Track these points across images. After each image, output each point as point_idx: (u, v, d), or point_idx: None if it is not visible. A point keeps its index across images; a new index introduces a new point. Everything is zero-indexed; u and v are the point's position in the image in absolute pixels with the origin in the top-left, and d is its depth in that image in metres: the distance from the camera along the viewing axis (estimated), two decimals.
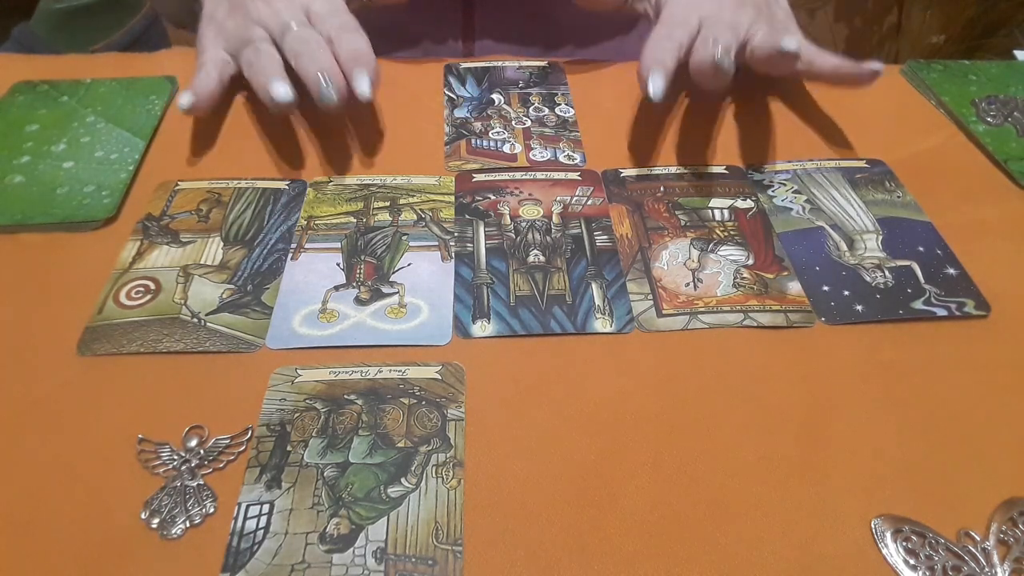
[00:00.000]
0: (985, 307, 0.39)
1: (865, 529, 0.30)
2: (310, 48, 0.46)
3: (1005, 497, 0.31)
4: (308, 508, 0.30)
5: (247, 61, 0.47)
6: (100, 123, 0.49)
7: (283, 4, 0.49)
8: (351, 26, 0.48)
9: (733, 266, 0.41)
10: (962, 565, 0.29)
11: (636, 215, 0.44)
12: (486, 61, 0.57)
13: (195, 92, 0.46)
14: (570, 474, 0.32)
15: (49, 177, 0.45)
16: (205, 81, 0.47)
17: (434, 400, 0.34)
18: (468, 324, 0.38)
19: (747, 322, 0.38)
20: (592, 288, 0.40)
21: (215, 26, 0.50)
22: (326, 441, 0.32)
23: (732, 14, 0.47)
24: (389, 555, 0.29)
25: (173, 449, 0.32)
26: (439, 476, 0.31)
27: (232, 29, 0.49)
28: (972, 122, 0.51)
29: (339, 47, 0.46)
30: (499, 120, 0.51)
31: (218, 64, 0.49)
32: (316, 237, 0.42)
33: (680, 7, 0.48)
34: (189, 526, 0.30)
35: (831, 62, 0.47)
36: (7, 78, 0.53)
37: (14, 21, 1.02)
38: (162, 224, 0.43)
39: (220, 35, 0.50)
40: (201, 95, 0.46)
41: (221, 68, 0.49)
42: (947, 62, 0.57)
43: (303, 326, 0.37)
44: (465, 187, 0.46)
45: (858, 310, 0.39)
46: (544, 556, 0.29)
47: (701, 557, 0.29)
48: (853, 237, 0.43)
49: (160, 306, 0.38)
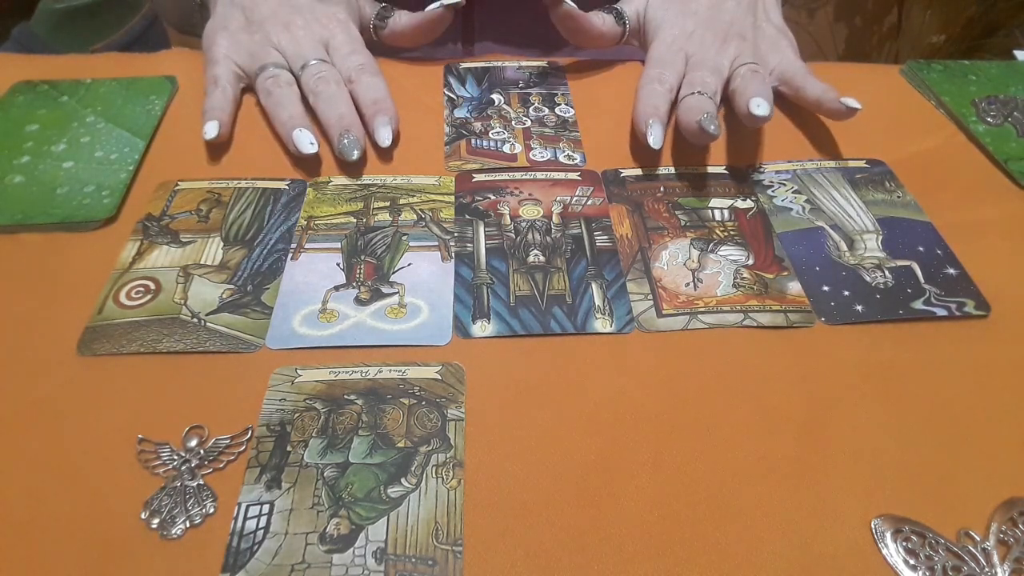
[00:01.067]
0: (985, 307, 0.39)
1: (865, 529, 0.30)
2: (330, 91, 0.47)
3: (1005, 497, 0.31)
4: (308, 508, 0.30)
5: (265, 89, 0.48)
6: (100, 123, 0.49)
7: (304, 34, 0.50)
8: (370, 68, 0.49)
9: (733, 266, 0.41)
10: (962, 565, 0.29)
11: (636, 215, 0.44)
12: (486, 61, 0.57)
13: (218, 119, 0.47)
14: (570, 474, 0.32)
15: (49, 177, 0.45)
16: (223, 103, 0.48)
17: (434, 400, 0.34)
18: (468, 324, 0.38)
19: (747, 322, 0.38)
20: (592, 288, 0.40)
21: (228, 37, 0.50)
22: (326, 441, 0.32)
23: (716, 53, 0.49)
24: (389, 555, 0.29)
25: (173, 449, 0.32)
26: (439, 476, 0.31)
27: (248, 45, 0.50)
28: (972, 122, 0.51)
29: (359, 92, 0.48)
30: (499, 120, 0.51)
31: (232, 81, 0.49)
32: (316, 237, 0.42)
33: (666, 45, 0.51)
34: (189, 526, 0.30)
35: (815, 92, 0.48)
36: (7, 78, 0.53)
37: (14, 21, 1.02)
38: (162, 224, 0.43)
39: (234, 48, 0.50)
40: (224, 121, 0.47)
41: (235, 85, 0.50)
42: (947, 62, 0.57)
43: (303, 326, 0.37)
44: (465, 187, 0.46)
45: (858, 310, 0.39)
46: (544, 556, 0.29)
47: (701, 557, 0.29)
48: (853, 237, 0.43)
49: (160, 306, 0.38)
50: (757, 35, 0.51)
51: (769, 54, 0.51)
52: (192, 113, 0.51)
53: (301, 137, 0.45)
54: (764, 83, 0.47)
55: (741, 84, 0.47)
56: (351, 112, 0.47)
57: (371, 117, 0.47)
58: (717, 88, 0.48)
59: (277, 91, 0.47)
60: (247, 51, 0.50)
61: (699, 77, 0.48)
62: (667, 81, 0.48)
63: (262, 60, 0.49)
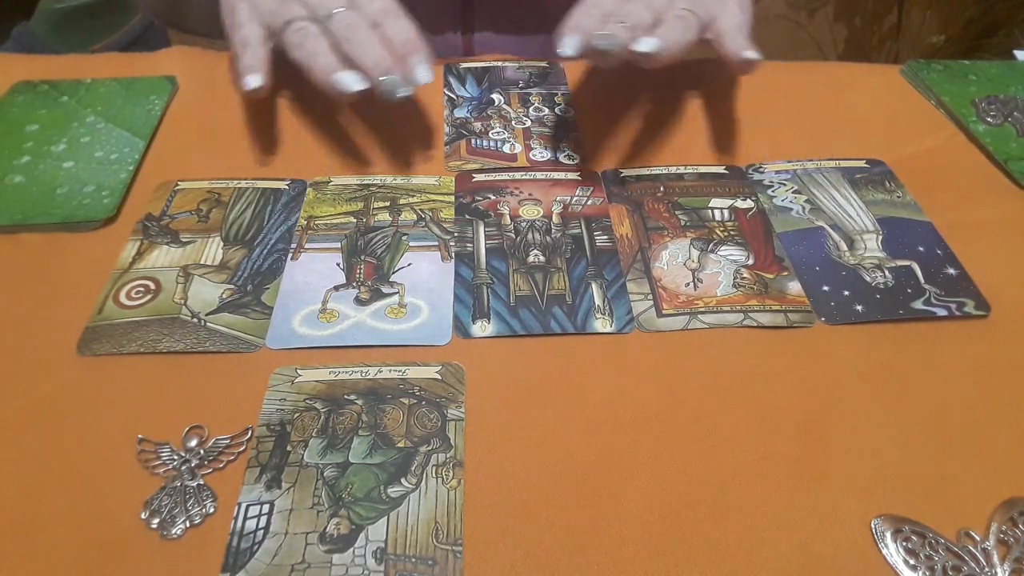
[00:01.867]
0: (985, 307, 0.39)
1: (865, 529, 0.30)
2: (359, 35, 0.45)
3: (1005, 497, 0.31)
4: (308, 508, 0.30)
5: (294, 43, 0.46)
6: (100, 123, 0.49)
7: None
8: (395, 11, 0.47)
9: (733, 266, 0.41)
10: (962, 565, 0.29)
11: (636, 215, 0.44)
12: (486, 61, 0.57)
13: (258, 70, 0.45)
14: (570, 474, 0.32)
15: (49, 177, 0.45)
16: (260, 56, 0.46)
17: (434, 400, 0.34)
18: (468, 324, 0.38)
19: (747, 322, 0.38)
20: (592, 288, 0.40)
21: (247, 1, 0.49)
22: (326, 441, 0.32)
23: None
24: (389, 555, 0.29)
25: (173, 449, 0.32)
26: (439, 476, 0.31)
27: (267, 4, 0.48)
28: (972, 122, 0.51)
29: (388, 35, 0.46)
30: (499, 120, 0.51)
31: (262, 40, 0.48)
32: (316, 237, 0.42)
33: None
34: (189, 526, 0.30)
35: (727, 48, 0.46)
36: (7, 78, 0.53)
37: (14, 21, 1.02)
38: (162, 224, 0.43)
39: (255, 11, 0.49)
40: (265, 72, 0.46)
41: (265, 45, 0.48)
42: (947, 62, 0.57)
43: (303, 326, 0.37)
44: (465, 187, 0.46)
45: (858, 310, 0.39)
46: (544, 556, 0.29)
47: (701, 557, 0.29)
48: (853, 237, 0.43)
49: (160, 306, 0.38)
50: None
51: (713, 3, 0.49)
52: (192, 113, 0.51)
53: (345, 77, 0.44)
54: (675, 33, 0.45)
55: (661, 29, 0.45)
56: (386, 55, 0.45)
57: (405, 57, 0.45)
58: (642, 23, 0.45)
59: (308, 42, 0.46)
60: (268, 11, 0.49)
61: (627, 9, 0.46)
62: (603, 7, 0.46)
63: (286, 15, 0.48)
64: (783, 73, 0.57)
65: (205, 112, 0.51)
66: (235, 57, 0.48)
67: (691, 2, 0.48)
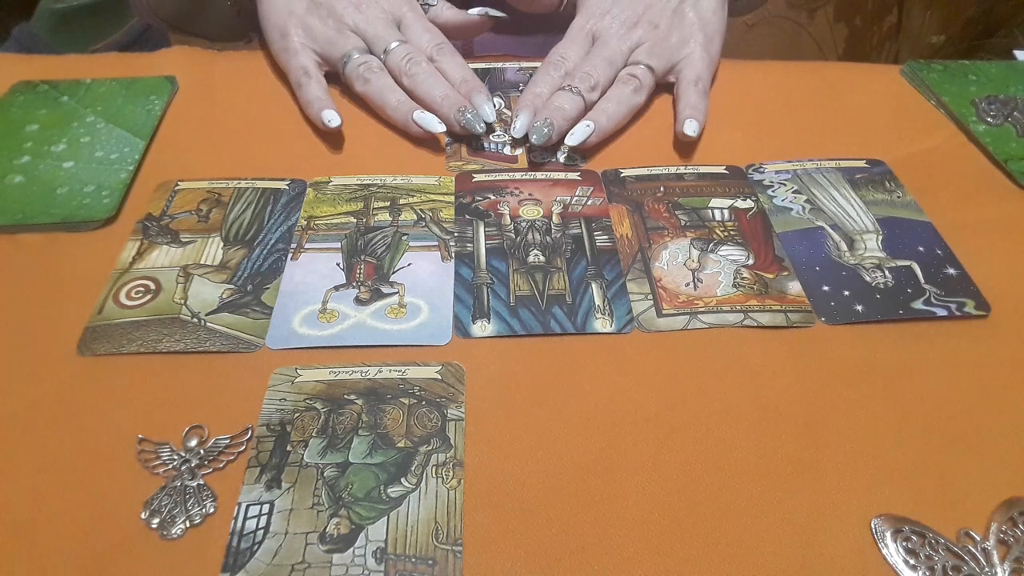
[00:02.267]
0: (985, 307, 0.39)
1: (865, 529, 0.30)
2: (423, 71, 0.48)
3: (1005, 497, 0.31)
4: (308, 508, 0.30)
5: (361, 77, 0.48)
6: (100, 123, 0.49)
7: (375, 13, 0.50)
8: (448, 47, 0.50)
9: (733, 266, 0.41)
10: (962, 565, 0.29)
11: (636, 215, 0.44)
12: (486, 62, 0.57)
13: (332, 105, 0.47)
14: (570, 474, 0.32)
15: (49, 177, 0.45)
16: (322, 92, 0.49)
17: (434, 400, 0.34)
18: (468, 324, 0.38)
19: (747, 322, 0.38)
20: (592, 288, 0.40)
21: (299, 24, 0.50)
22: (326, 441, 0.32)
23: (618, 40, 0.50)
24: (389, 555, 0.29)
25: (173, 449, 0.32)
26: (439, 476, 0.31)
27: (322, 33, 0.50)
28: (972, 122, 0.51)
29: (445, 72, 0.49)
30: (499, 123, 0.51)
31: (319, 69, 0.50)
32: (316, 237, 0.42)
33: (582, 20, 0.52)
34: (189, 526, 0.30)
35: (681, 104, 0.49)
36: (7, 78, 0.53)
37: (14, 21, 1.02)
38: (162, 224, 0.43)
39: (309, 36, 0.50)
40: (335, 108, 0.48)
41: (321, 72, 0.50)
42: (947, 62, 0.57)
43: (303, 326, 0.37)
44: (465, 187, 0.46)
45: (858, 310, 0.39)
46: (544, 556, 0.29)
47: (701, 557, 0.29)
48: (853, 237, 0.43)
49: (160, 306, 0.38)
50: (673, 23, 0.51)
51: (676, 48, 0.51)
52: (192, 113, 0.51)
53: (427, 118, 0.46)
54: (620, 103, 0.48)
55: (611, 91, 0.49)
56: (452, 90, 0.48)
57: (467, 95, 0.48)
58: (599, 81, 0.48)
59: (375, 78, 0.48)
60: (324, 38, 0.49)
61: (587, 68, 0.48)
62: (566, 63, 0.50)
63: (343, 47, 0.49)
64: (783, 73, 0.57)
65: (205, 112, 0.51)
66: (297, 86, 0.50)
67: (651, 52, 0.49)
